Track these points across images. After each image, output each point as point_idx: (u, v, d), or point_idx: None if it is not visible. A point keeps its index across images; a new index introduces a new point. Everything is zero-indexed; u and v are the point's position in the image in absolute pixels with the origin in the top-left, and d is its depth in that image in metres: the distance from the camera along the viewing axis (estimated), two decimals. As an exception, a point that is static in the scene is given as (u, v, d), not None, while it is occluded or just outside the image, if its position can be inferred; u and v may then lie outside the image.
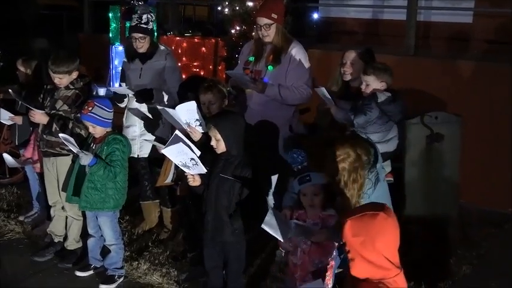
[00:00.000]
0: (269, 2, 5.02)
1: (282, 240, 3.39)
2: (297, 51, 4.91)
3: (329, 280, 3.56)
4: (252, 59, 5.02)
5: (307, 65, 4.96)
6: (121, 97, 5.27)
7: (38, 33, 10.88)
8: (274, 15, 4.82)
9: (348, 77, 4.82)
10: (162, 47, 5.29)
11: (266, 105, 4.89)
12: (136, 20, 5.09)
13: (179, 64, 6.38)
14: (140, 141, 5.22)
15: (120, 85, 5.47)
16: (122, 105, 5.34)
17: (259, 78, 4.89)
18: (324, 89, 4.56)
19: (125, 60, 5.38)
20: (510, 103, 5.92)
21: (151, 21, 5.13)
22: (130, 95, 5.16)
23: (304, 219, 3.56)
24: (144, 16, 5.10)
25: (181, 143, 3.82)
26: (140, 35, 5.10)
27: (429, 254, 5.03)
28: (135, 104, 5.19)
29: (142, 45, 5.14)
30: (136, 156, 5.21)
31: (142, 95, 5.05)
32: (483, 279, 4.74)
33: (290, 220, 3.53)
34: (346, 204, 3.33)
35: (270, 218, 3.36)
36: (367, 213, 2.38)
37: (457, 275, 4.76)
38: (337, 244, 3.47)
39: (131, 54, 5.25)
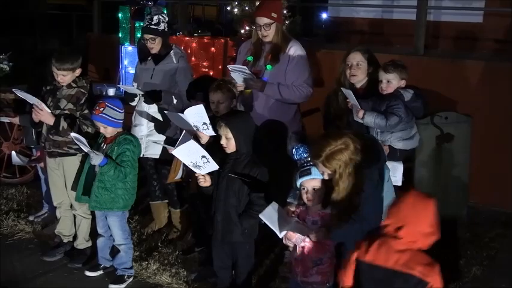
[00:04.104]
0: (268, 2, 4.98)
1: (278, 235, 3.41)
2: (295, 50, 4.86)
3: (330, 277, 3.59)
4: (250, 58, 4.99)
5: (306, 63, 4.90)
6: (132, 96, 5.26)
7: (47, 32, 10.95)
8: (274, 15, 4.80)
9: (355, 79, 4.65)
10: (176, 49, 5.28)
11: (264, 107, 4.86)
12: (148, 21, 5.11)
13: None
14: (146, 141, 5.16)
15: (132, 85, 5.46)
16: (133, 103, 5.33)
17: (258, 77, 4.85)
18: (351, 92, 4.37)
19: (138, 61, 5.38)
20: (521, 103, 5.89)
21: (162, 22, 5.12)
22: (140, 95, 5.16)
23: (304, 217, 3.56)
24: (155, 17, 5.10)
25: (192, 140, 3.82)
26: (150, 36, 5.11)
27: (438, 255, 5.00)
28: (143, 105, 5.18)
29: (153, 46, 5.14)
30: (141, 155, 5.18)
31: (151, 96, 5.05)
32: (494, 280, 4.71)
33: (291, 217, 3.55)
34: (339, 197, 3.29)
35: (270, 210, 3.40)
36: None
37: (467, 277, 4.73)
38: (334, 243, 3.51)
39: (144, 54, 5.25)
